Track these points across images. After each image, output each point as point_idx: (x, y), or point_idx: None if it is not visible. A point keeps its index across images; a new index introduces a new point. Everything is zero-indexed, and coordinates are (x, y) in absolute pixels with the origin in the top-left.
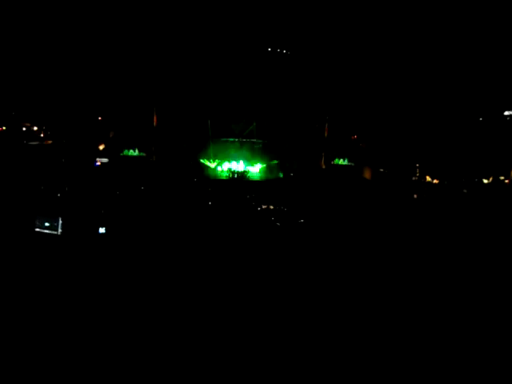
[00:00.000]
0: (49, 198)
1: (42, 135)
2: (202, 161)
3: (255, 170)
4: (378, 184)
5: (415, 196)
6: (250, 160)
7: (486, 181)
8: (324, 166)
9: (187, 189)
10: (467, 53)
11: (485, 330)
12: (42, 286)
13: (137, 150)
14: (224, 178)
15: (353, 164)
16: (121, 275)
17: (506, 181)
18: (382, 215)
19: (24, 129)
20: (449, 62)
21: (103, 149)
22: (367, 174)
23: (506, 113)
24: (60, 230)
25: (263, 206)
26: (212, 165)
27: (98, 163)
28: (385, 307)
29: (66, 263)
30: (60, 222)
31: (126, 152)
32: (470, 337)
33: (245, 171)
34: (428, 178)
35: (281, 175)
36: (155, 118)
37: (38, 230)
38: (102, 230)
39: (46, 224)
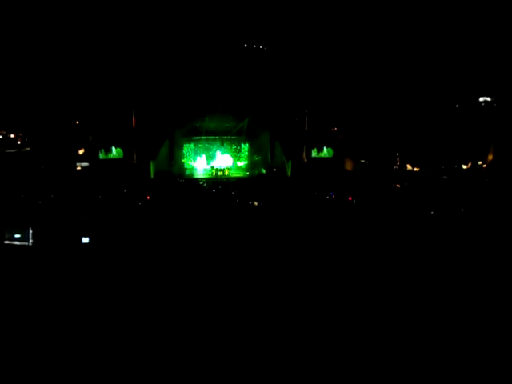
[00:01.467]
0: (21, 207)
1: (19, 142)
2: (183, 160)
3: (238, 166)
4: (360, 175)
5: (398, 186)
6: (232, 157)
7: (464, 166)
8: (306, 160)
9: (171, 189)
10: (442, 40)
11: (483, 324)
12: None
13: (116, 152)
14: (207, 176)
15: (334, 156)
16: (107, 286)
17: (484, 165)
18: (366, 206)
19: (0, 137)
20: (425, 50)
21: (83, 153)
22: (349, 166)
23: (481, 99)
24: (31, 241)
25: (249, 202)
26: (194, 164)
27: (78, 168)
28: (376, 303)
29: (38, 276)
30: (30, 232)
31: (107, 155)
32: (469, 333)
33: (228, 168)
34: (409, 167)
35: (263, 171)
36: (134, 119)
37: (7, 242)
38: (85, 240)
39: (16, 236)
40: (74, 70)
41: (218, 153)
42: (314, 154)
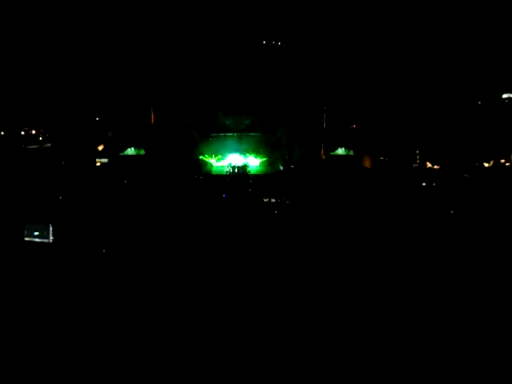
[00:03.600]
0: (42, 203)
1: (40, 138)
2: (201, 157)
3: (255, 163)
4: (379, 172)
5: (422, 184)
6: (249, 154)
7: (486, 164)
8: (324, 157)
9: (189, 186)
10: (465, 36)
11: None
12: (33, 297)
13: (135, 149)
14: (225, 173)
15: (352, 153)
16: (123, 285)
17: (507, 164)
18: (387, 204)
19: (22, 133)
20: (446, 46)
21: (102, 149)
22: (367, 163)
23: (505, 95)
24: (52, 238)
25: (265, 200)
26: (212, 160)
27: (98, 164)
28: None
29: (58, 274)
30: (51, 228)
31: (125, 152)
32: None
33: (245, 165)
34: (428, 164)
35: (281, 168)
36: (153, 116)
37: (27, 239)
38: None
39: (36, 233)
40: (94, 67)
41: (236, 150)
42: (332, 151)
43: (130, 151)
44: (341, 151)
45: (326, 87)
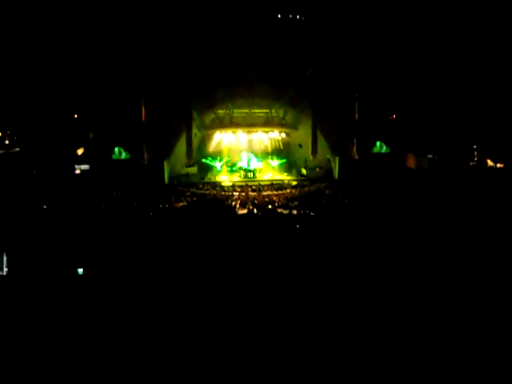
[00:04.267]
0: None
1: (6, 142)
2: (204, 161)
3: (272, 166)
4: (427, 174)
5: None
6: (264, 155)
7: None
8: (357, 157)
9: (190, 196)
10: None
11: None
12: None
13: (123, 152)
14: (233, 179)
15: (392, 151)
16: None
17: None
18: (442, 218)
19: None
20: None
21: (82, 153)
22: (411, 163)
23: None
24: (5, 270)
25: (284, 211)
26: (218, 164)
27: (77, 171)
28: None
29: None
30: (5, 258)
31: (111, 155)
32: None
33: (259, 169)
34: (490, 163)
35: (303, 171)
36: (143, 111)
37: None
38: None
39: None
40: (70, 51)
41: (247, 150)
42: (367, 148)
43: (117, 155)
44: (378, 148)
45: (358, 68)
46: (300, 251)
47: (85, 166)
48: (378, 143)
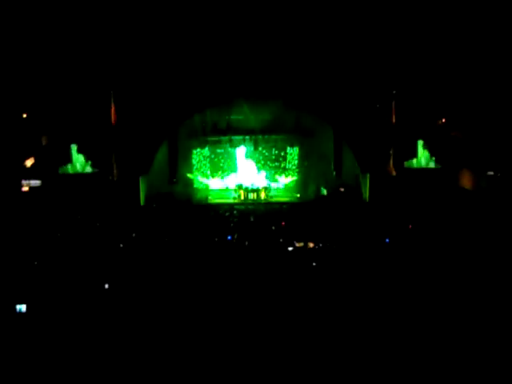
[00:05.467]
0: None
1: None
2: (189, 176)
3: (281, 184)
4: (486, 196)
5: None
6: (271, 170)
7: None
8: (394, 173)
9: (175, 224)
10: None
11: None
12: None
13: (85, 164)
14: (231, 200)
15: (439, 165)
16: None
17: None
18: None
19: None
20: None
21: (32, 165)
22: (466, 181)
23: None
24: None
25: (297, 244)
26: (210, 181)
27: (25, 188)
28: None
29: None
30: None
31: (68, 168)
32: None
33: (264, 188)
34: None
35: (324, 192)
36: (113, 110)
37: None
38: (21, 308)
39: None
40: (15, 32)
41: (249, 163)
42: (407, 161)
43: (78, 167)
44: (422, 162)
45: (396, 57)
46: (315, 298)
47: (35, 182)
48: (421, 155)
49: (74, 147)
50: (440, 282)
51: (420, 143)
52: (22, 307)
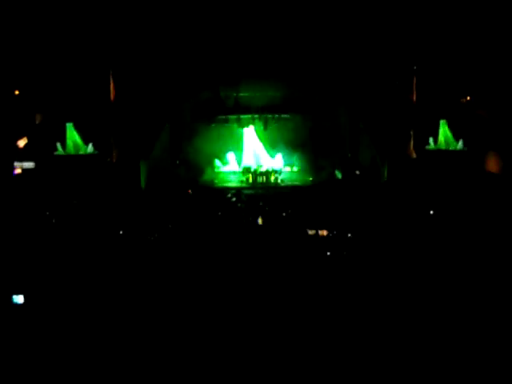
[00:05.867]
0: None
1: None
2: (195, 158)
3: (293, 167)
4: None
5: None
6: (282, 152)
7: None
8: (414, 155)
9: (177, 210)
10: None
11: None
12: None
13: (82, 145)
14: (238, 184)
15: (465, 147)
16: None
17: None
18: None
19: None
20: None
21: (25, 145)
22: (493, 165)
23: None
24: None
25: (310, 232)
26: (217, 164)
27: (18, 170)
28: None
29: None
30: None
31: (66, 149)
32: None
33: (274, 171)
34: None
35: (338, 175)
36: (112, 87)
37: None
38: (18, 299)
39: None
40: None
41: (259, 144)
42: (430, 144)
43: (74, 148)
44: (444, 144)
45: (416, 29)
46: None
47: (28, 164)
48: (443, 136)
49: (69, 126)
50: (460, 273)
51: (442, 123)
52: (19, 298)
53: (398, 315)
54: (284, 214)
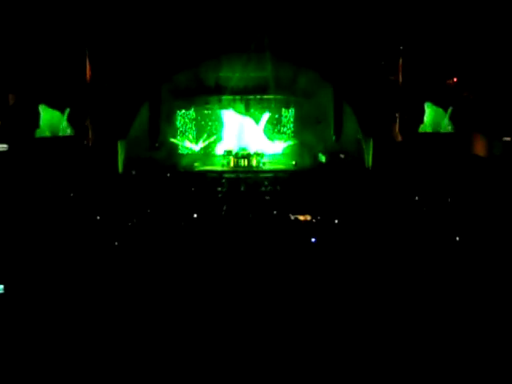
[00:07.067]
0: None
1: None
2: (173, 140)
3: (275, 150)
4: (501, 164)
5: None
6: (266, 134)
7: None
8: (400, 138)
9: (156, 194)
10: None
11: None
12: None
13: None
14: (219, 167)
15: (452, 129)
16: None
17: None
18: None
19: None
20: None
21: None
22: (480, 148)
23: None
24: None
25: (292, 217)
26: (195, 146)
27: None
28: None
29: None
30: None
31: (39, 132)
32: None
33: (256, 154)
34: None
35: (322, 159)
36: (88, 67)
37: None
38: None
39: None
40: None
41: (241, 125)
42: (415, 126)
43: (50, 129)
44: (430, 126)
45: (403, 8)
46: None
47: (1, 146)
48: (429, 118)
49: (43, 107)
50: (445, 262)
51: (428, 105)
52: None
53: (386, 303)
54: (267, 198)
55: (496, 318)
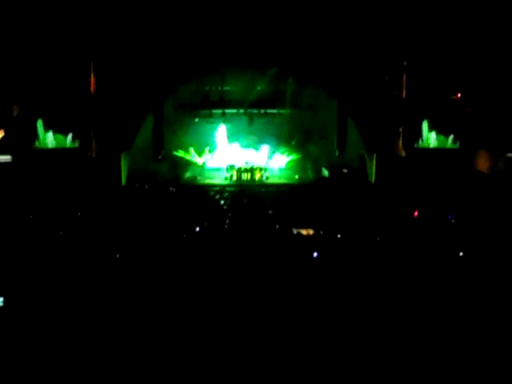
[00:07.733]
0: None
1: None
2: (177, 154)
3: (278, 164)
4: (505, 180)
5: None
6: (268, 149)
7: None
8: (404, 153)
9: (159, 207)
10: None
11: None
12: None
13: (59, 138)
14: (222, 181)
15: (456, 146)
16: None
17: None
18: None
19: None
20: None
21: (2, 138)
22: (483, 164)
23: None
24: None
25: (295, 231)
26: (199, 160)
27: None
28: None
29: None
30: None
31: (43, 142)
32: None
33: (259, 168)
34: None
35: (325, 173)
36: (92, 79)
37: None
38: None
39: None
40: None
41: (243, 140)
42: (418, 141)
43: (52, 141)
44: (434, 142)
45: (407, 24)
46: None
47: (5, 158)
48: (430, 134)
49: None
50: (444, 278)
51: (425, 123)
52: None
53: (388, 318)
54: (270, 212)
55: (500, 333)
